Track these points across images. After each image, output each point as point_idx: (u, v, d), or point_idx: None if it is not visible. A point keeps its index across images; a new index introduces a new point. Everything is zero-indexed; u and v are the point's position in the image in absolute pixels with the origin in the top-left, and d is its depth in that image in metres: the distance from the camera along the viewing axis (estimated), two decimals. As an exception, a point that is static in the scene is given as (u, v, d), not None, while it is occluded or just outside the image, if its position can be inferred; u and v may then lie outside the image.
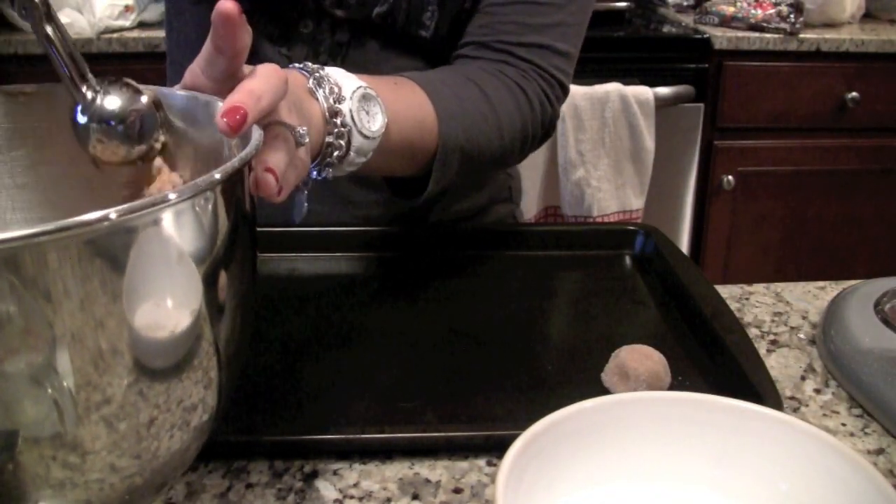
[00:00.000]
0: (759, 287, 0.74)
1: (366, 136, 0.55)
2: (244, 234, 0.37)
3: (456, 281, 0.73)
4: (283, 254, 0.76)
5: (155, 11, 1.79)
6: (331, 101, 0.53)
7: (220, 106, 0.41)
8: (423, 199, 0.67)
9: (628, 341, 0.59)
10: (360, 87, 0.55)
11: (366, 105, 0.55)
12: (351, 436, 0.50)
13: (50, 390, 0.30)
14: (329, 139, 0.53)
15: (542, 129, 0.75)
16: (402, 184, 0.70)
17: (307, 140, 0.47)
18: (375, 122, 0.56)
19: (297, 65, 0.54)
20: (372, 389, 0.56)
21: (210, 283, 0.34)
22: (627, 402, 0.44)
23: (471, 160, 0.67)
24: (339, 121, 0.53)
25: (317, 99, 0.52)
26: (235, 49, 0.44)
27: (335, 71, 0.55)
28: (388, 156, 0.60)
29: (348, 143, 0.54)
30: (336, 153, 0.54)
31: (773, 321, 0.68)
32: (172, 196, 0.30)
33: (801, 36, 1.82)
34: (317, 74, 0.53)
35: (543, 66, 0.72)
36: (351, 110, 0.54)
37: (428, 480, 0.49)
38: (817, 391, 0.58)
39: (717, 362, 0.59)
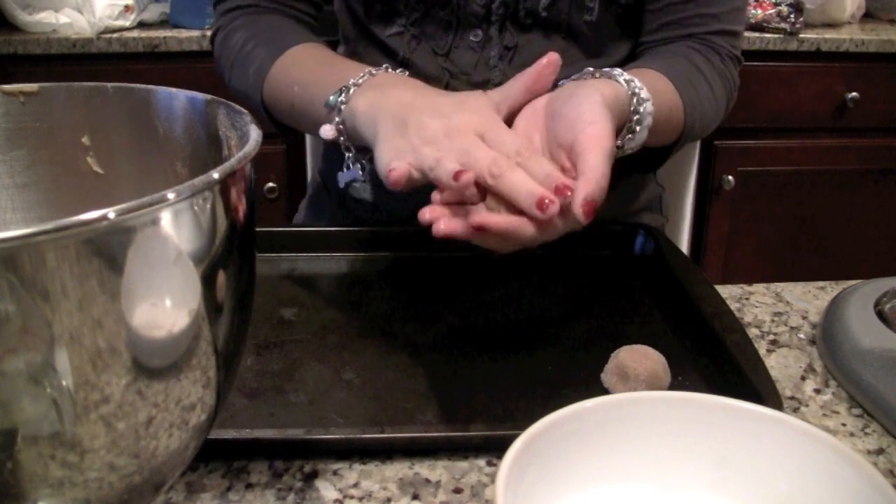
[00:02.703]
0: (759, 287, 0.74)
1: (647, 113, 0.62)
2: (243, 233, 0.37)
3: (456, 281, 0.73)
4: (283, 254, 0.76)
5: (155, 11, 1.78)
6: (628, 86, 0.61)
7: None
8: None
9: (628, 341, 0.59)
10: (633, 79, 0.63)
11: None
12: (351, 436, 0.50)
13: (48, 389, 0.29)
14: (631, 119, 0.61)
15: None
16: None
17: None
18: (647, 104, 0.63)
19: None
20: (372, 389, 0.56)
21: (208, 282, 0.34)
22: (627, 402, 0.44)
23: (692, 139, 0.78)
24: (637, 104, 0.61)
25: (619, 82, 0.61)
26: (541, 93, 0.59)
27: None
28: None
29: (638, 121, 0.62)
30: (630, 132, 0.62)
31: (773, 321, 0.68)
32: (171, 196, 0.30)
33: (801, 36, 1.81)
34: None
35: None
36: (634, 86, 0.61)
37: (428, 480, 0.49)
38: (817, 391, 0.58)
39: (717, 362, 0.59)
